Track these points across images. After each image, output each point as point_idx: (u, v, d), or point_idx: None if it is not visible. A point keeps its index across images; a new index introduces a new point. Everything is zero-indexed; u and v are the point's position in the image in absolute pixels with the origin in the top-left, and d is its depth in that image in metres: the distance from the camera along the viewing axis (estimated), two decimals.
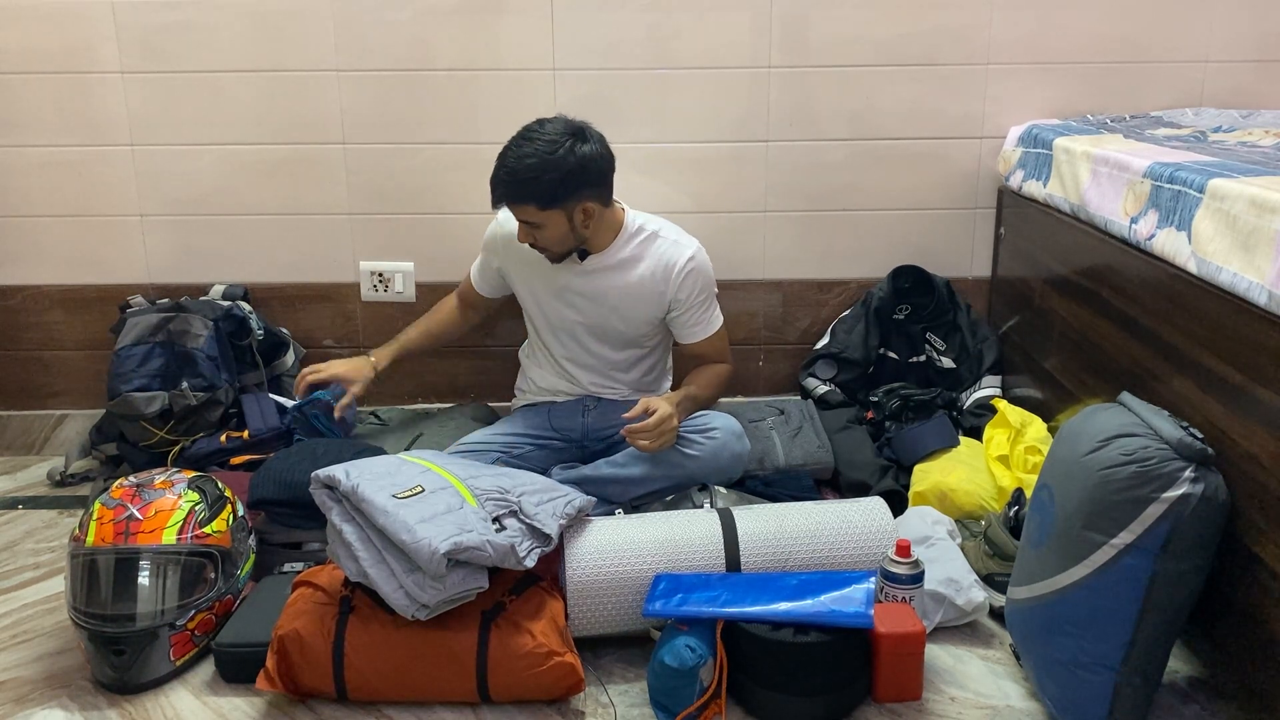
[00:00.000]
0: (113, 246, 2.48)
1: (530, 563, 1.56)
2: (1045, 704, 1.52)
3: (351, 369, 2.21)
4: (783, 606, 1.53)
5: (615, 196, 2.09)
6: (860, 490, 2.10)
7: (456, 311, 2.35)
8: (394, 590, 1.50)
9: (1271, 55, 2.40)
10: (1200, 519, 1.33)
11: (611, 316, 2.10)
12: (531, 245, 2.01)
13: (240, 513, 1.77)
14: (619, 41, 2.36)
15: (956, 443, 2.15)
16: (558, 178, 1.89)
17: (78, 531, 1.64)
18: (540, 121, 1.94)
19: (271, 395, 2.34)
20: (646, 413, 1.96)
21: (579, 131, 1.93)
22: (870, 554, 1.70)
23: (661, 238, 2.09)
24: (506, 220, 2.08)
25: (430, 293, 2.47)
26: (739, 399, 2.53)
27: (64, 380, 2.56)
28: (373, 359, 2.24)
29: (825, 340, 2.50)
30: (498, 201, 1.94)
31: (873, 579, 1.61)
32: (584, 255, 2.06)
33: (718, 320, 2.17)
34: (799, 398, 2.51)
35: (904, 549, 1.62)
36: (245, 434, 2.24)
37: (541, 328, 2.19)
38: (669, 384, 2.29)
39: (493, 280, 2.25)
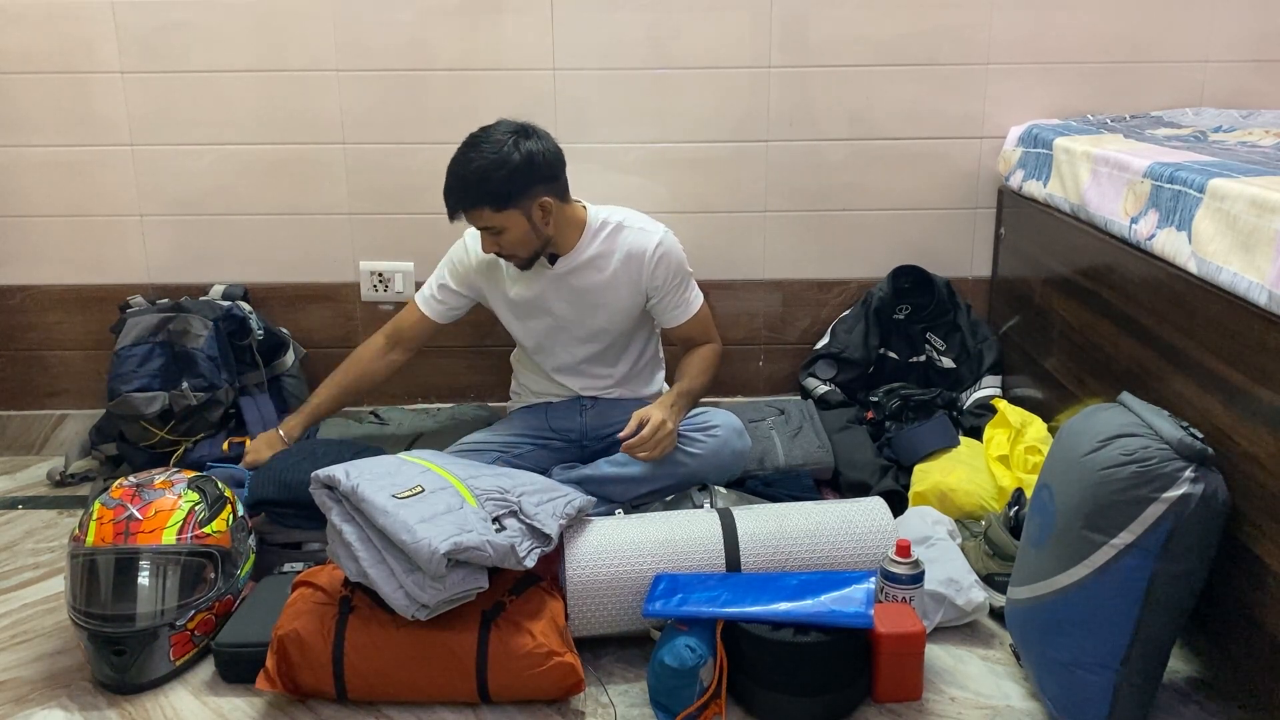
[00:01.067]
0: (113, 246, 2.48)
1: (530, 563, 1.56)
2: (1045, 704, 1.52)
3: (266, 446, 2.12)
4: (783, 606, 1.53)
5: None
6: (860, 490, 2.10)
7: (378, 359, 2.20)
8: (394, 590, 1.50)
9: (1271, 55, 2.40)
10: (1200, 519, 1.33)
11: (593, 315, 2.09)
12: (497, 254, 1.99)
13: (240, 513, 1.77)
14: (619, 41, 2.36)
15: (956, 443, 2.14)
16: (506, 175, 1.87)
17: (77, 531, 1.64)
18: (483, 128, 1.93)
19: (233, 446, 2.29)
20: (641, 424, 1.96)
21: (522, 129, 1.92)
22: (870, 554, 1.70)
23: (627, 228, 2.07)
24: (474, 239, 2.05)
25: None
26: (739, 399, 2.53)
27: (64, 380, 2.56)
28: (282, 432, 2.15)
29: (825, 340, 2.50)
30: (453, 211, 1.92)
31: (873, 579, 1.60)
32: (553, 259, 2.05)
33: (697, 300, 2.15)
34: (799, 398, 2.51)
35: (904, 549, 1.62)
36: (247, 440, 2.24)
37: (526, 341, 2.17)
38: (661, 373, 2.28)
39: (452, 303, 2.16)
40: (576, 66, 2.37)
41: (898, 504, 2.01)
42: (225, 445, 2.23)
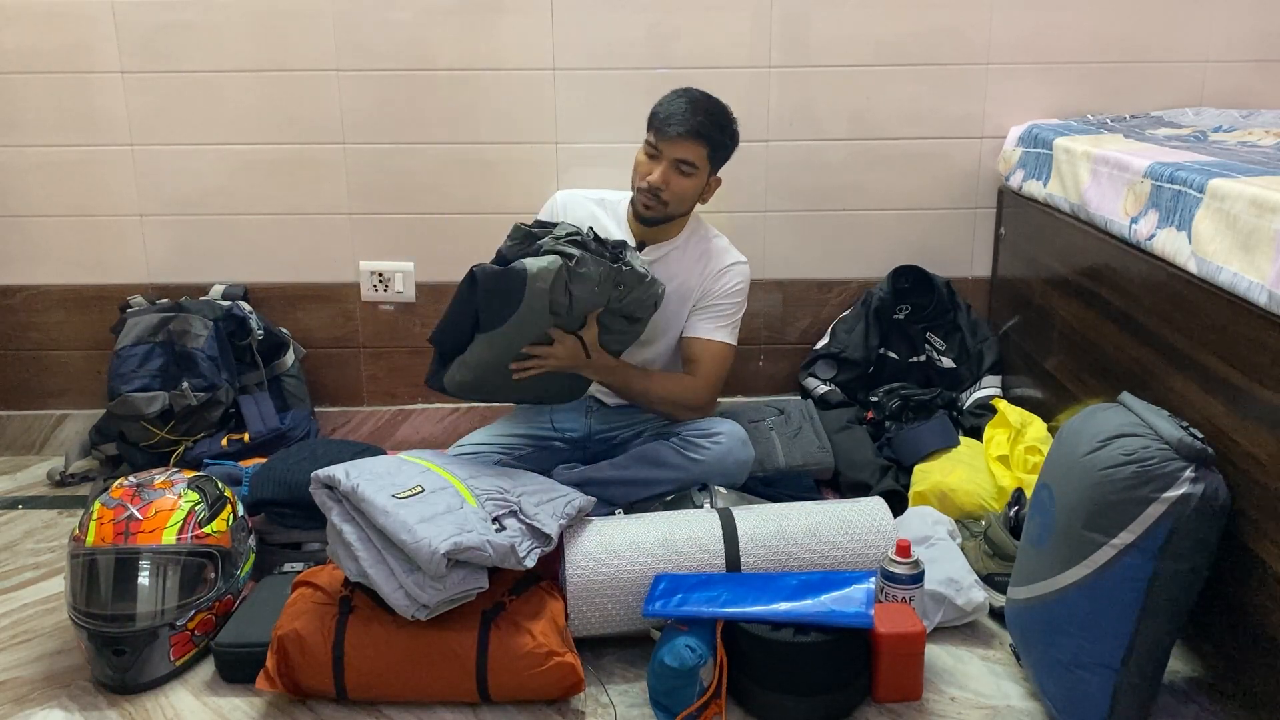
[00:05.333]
0: (113, 246, 2.47)
1: (530, 563, 1.56)
2: (1045, 704, 1.52)
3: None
4: (783, 606, 1.53)
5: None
6: (860, 490, 2.10)
7: None
8: (394, 590, 1.50)
9: (1271, 55, 2.40)
10: (1200, 519, 1.33)
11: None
12: (655, 193, 1.97)
13: (240, 513, 1.77)
14: (619, 41, 2.36)
15: (956, 443, 2.14)
16: (730, 136, 2.02)
17: (78, 531, 1.64)
18: (705, 93, 2.02)
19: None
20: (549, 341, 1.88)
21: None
22: (870, 554, 1.70)
23: (714, 241, 2.13)
24: (565, 206, 2.07)
25: (430, 293, 2.47)
26: (739, 399, 2.53)
27: (64, 380, 2.56)
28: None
29: (825, 340, 2.50)
30: (679, 125, 1.93)
31: (873, 579, 1.60)
32: (641, 246, 2.06)
33: (727, 337, 2.10)
34: (799, 398, 2.51)
35: (904, 549, 1.62)
36: (245, 436, 2.24)
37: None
38: None
39: None
40: (576, 66, 2.37)
41: (898, 504, 2.01)
42: (224, 441, 2.23)
